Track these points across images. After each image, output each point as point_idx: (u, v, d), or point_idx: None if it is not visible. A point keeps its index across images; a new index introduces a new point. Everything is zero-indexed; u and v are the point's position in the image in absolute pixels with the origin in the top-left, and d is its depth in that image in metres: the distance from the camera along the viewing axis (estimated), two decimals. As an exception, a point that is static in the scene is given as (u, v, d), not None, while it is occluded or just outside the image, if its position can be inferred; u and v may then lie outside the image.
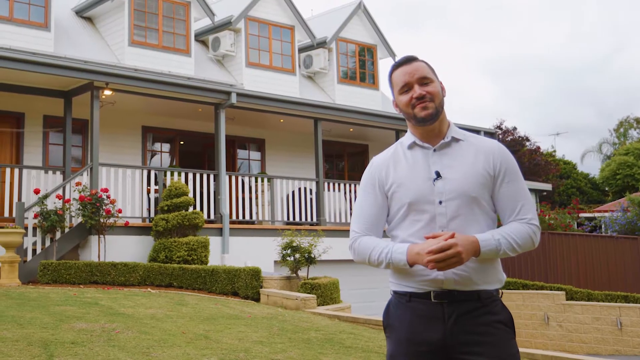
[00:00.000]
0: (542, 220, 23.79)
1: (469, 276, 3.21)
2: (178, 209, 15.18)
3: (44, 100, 16.73)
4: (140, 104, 17.76)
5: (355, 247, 3.40)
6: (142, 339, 8.00)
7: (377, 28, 24.59)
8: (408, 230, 3.31)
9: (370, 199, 3.43)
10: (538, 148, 43.00)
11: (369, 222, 3.41)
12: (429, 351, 3.21)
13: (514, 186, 3.32)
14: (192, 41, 20.17)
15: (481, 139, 3.42)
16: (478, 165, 3.29)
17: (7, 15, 17.06)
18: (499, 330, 3.22)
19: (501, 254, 3.21)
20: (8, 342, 7.32)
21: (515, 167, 3.37)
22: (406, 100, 3.33)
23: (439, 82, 3.40)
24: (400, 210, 3.33)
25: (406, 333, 3.26)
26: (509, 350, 3.21)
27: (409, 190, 3.30)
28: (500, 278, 3.34)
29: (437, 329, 3.20)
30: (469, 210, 3.26)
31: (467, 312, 3.20)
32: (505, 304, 3.33)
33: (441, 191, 3.25)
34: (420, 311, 3.25)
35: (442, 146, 3.34)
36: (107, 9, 19.50)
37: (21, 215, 13.47)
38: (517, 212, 3.30)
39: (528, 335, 18.83)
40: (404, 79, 3.34)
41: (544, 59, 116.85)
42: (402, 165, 3.37)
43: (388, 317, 3.40)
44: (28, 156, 17.00)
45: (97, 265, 13.38)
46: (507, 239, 3.21)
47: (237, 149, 21.38)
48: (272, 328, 9.64)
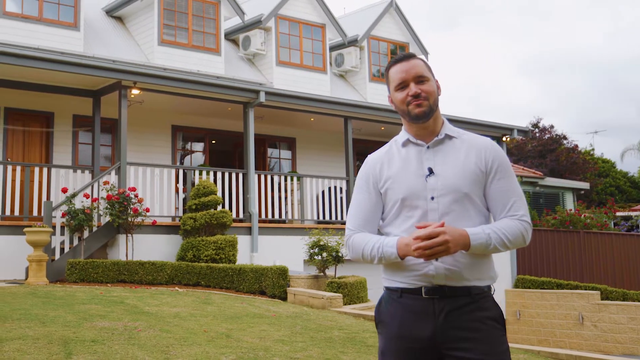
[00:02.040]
0: (578, 219, 23.47)
1: (460, 272, 3.21)
2: (206, 207, 15.17)
3: (73, 99, 16.80)
4: (169, 103, 17.79)
5: (350, 244, 3.43)
6: (162, 338, 7.99)
7: (409, 26, 24.46)
8: (401, 226, 3.33)
9: (364, 196, 3.46)
10: (576, 146, 42.53)
11: (363, 219, 3.43)
12: (420, 347, 3.22)
13: (506, 183, 3.33)
14: (222, 40, 20.19)
15: (474, 137, 3.43)
16: (470, 162, 3.31)
17: (36, 15, 17.18)
18: (489, 326, 3.22)
19: (491, 248, 3.20)
20: (29, 340, 7.34)
21: (507, 164, 3.38)
22: (402, 97, 3.36)
23: (434, 80, 3.41)
24: (394, 206, 3.35)
25: (397, 329, 3.28)
26: (498, 346, 3.21)
27: (401, 186, 3.33)
28: (492, 275, 3.34)
29: (427, 325, 3.21)
30: (461, 207, 3.27)
31: (457, 308, 3.20)
32: (538, 304, 3.25)
33: (433, 187, 3.27)
34: (411, 307, 3.26)
35: (435, 143, 3.37)
36: (136, 8, 19.59)
37: (49, 214, 13.54)
38: (509, 209, 3.30)
39: (562, 335, 18.64)
40: (401, 76, 3.37)
41: (584, 57, 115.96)
42: (396, 162, 3.40)
43: (379, 313, 3.41)
44: (58, 155, 17.11)
45: (124, 264, 13.41)
46: (497, 234, 3.21)
47: (267, 147, 21.36)
48: (295, 327, 9.59)
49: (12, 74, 14.90)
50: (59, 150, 17.20)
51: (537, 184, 31.03)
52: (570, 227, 23.29)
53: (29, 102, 16.72)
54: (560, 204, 30.79)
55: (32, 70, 14.51)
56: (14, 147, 16.69)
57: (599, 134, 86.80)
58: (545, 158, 40.37)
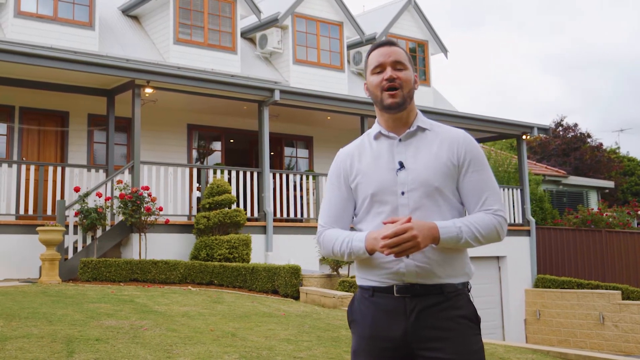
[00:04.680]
0: (600, 218, 23.25)
1: (431, 268, 3.12)
2: (220, 206, 15.17)
3: (88, 98, 16.89)
4: (184, 102, 17.83)
5: (321, 241, 3.36)
6: (167, 336, 7.98)
7: (428, 24, 24.36)
8: (372, 223, 3.24)
9: (335, 191, 3.38)
10: (600, 145, 42.16)
11: (334, 215, 3.36)
12: (392, 347, 3.14)
13: (480, 176, 3.23)
14: (238, 38, 20.20)
15: (447, 129, 3.32)
16: (442, 155, 3.21)
17: (51, 15, 17.26)
18: (462, 325, 3.13)
19: (463, 242, 3.11)
20: (33, 339, 7.36)
21: (482, 157, 3.28)
22: (377, 81, 3.27)
23: (413, 72, 3.31)
24: (364, 202, 3.27)
25: (369, 329, 3.20)
26: (471, 346, 3.13)
27: (371, 181, 3.24)
28: (466, 271, 3.25)
29: (399, 324, 3.13)
30: (432, 201, 3.17)
31: (429, 307, 3.11)
32: (559, 304, 3.13)
33: (404, 182, 3.18)
34: (383, 306, 3.18)
35: (407, 136, 3.27)
36: (152, 7, 19.67)
37: (62, 213, 13.58)
38: (483, 203, 3.20)
39: (583, 335, 18.50)
40: (379, 59, 3.28)
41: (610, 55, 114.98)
42: (367, 156, 3.31)
43: (352, 313, 3.33)
44: (73, 154, 17.20)
45: (137, 263, 13.44)
46: (469, 227, 3.11)
47: (284, 146, 21.37)
48: (303, 326, 9.55)
49: (27, 74, 15.01)
50: (74, 149, 17.29)
51: (561, 183, 30.77)
52: (591, 226, 23.07)
53: (44, 101, 16.83)
54: (584, 203, 30.51)
55: (46, 70, 14.58)
56: (29, 146, 16.80)
57: (625, 132, 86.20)
58: (568, 156, 40.04)
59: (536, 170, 30.30)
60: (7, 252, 13.77)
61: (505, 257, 20.67)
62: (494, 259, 20.74)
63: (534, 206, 25.58)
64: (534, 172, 28.92)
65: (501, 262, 20.79)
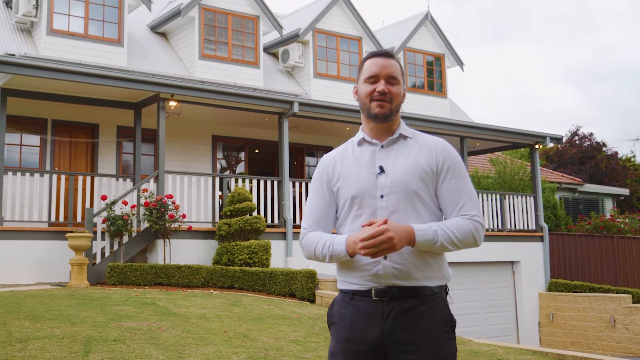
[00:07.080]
0: (612, 225, 23.56)
1: (408, 270, 3.18)
2: (241, 213, 15.73)
3: (117, 111, 17.51)
4: (208, 114, 18.39)
5: (303, 244, 3.41)
6: (181, 337, 8.25)
7: (444, 37, 24.76)
8: (352, 225, 3.31)
9: (318, 195, 3.44)
10: (615, 153, 42.43)
11: (316, 218, 3.41)
12: (368, 350, 3.19)
13: (457, 183, 3.29)
14: (261, 53, 20.82)
15: (428, 137, 3.41)
16: (420, 160, 3.28)
17: (82, 32, 17.93)
18: (436, 329, 3.19)
19: (439, 246, 3.16)
20: (53, 339, 7.63)
21: (460, 165, 3.34)
22: (368, 90, 3.34)
23: (403, 87, 3.39)
24: (345, 205, 3.34)
25: (347, 331, 3.25)
26: (445, 350, 3.19)
27: (352, 184, 3.31)
28: (444, 274, 3.31)
29: (375, 327, 3.18)
30: (409, 205, 3.23)
31: (405, 310, 3.17)
32: (571, 307, 3.27)
33: (383, 185, 3.25)
34: (361, 309, 3.23)
35: (389, 142, 3.35)
36: (178, 24, 20.33)
37: (90, 220, 14.19)
38: (460, 208, 3.26)
39: (595, 337, 18.84)
40: (374, 70, 3.34)
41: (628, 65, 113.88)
42: (349, 161, 3.38)
43: (331, 315, 3.40)
44: (102, 165, 17.86)
45: (161, 267, 13.95)
46: (445, 231, 3.16)
47: (305, 156, 21.92)
48: (313, 328, 9.77)
49: (59, 88, 15.61)
50: (104, 159, 17.94)
51: (577, 190, 30.95)
52: (604, 232, 23.40)
53: (75, 114, 17.50)
54: (599, 210, 30.64)
55: (77, 85, 15.17)
56: (61, 157, 17.49)
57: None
58: (584, 165, 40.31)
59: (552, 178, 30.52)
60: (39, 257, 14.33)
61: (519, 262, 20.98)
62: (509, 264, 21.05)
63: (548, 213, 25.78)
64: (549, 180, 29.14)
65: (515, 266, 21.08)
